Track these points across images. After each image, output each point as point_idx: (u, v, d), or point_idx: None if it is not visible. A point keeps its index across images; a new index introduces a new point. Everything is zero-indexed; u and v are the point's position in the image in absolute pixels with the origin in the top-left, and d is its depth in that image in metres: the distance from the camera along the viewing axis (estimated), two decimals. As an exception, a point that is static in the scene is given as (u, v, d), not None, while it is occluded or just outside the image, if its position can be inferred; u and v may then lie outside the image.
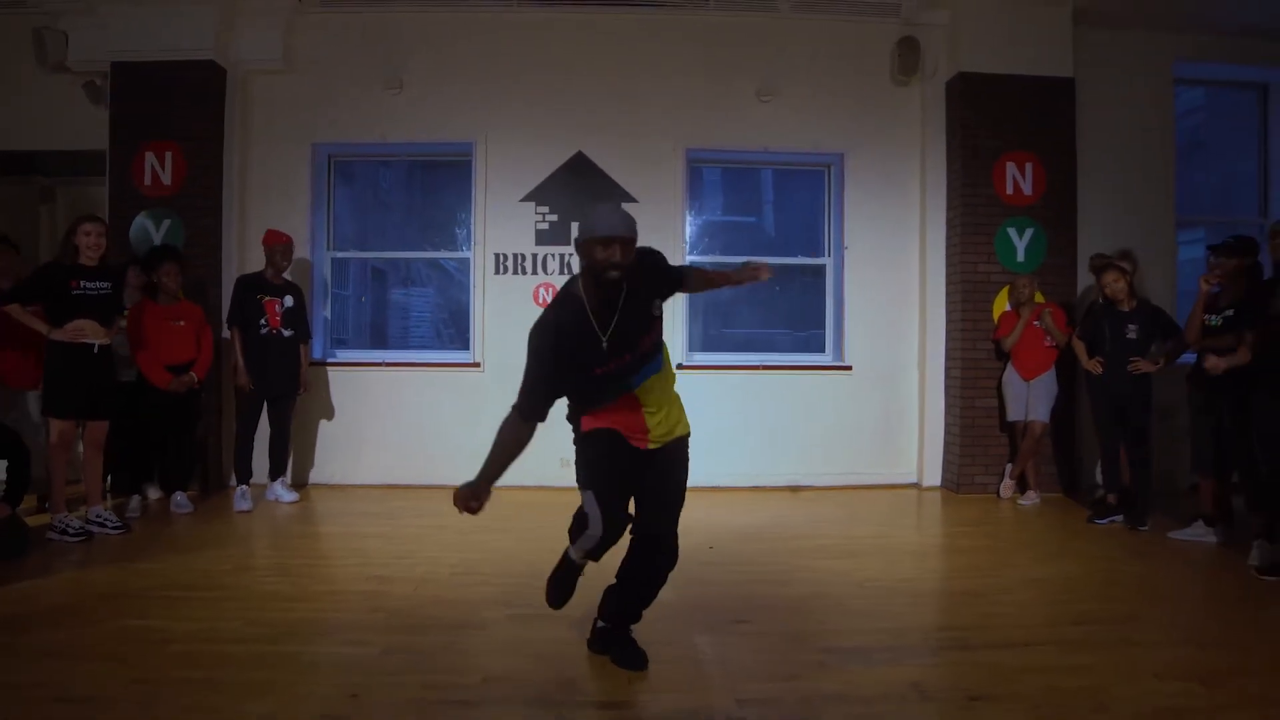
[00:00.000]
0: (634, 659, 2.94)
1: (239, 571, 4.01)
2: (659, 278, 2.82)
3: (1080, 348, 5.59)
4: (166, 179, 6.08)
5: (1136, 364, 5.21)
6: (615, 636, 3.02)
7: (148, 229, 6.04)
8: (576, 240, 2.71)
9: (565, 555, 3.03)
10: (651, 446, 2.85)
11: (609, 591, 3.02)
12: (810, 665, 2.97)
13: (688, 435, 2.98)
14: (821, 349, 6.95)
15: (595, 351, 2.68)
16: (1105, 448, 5.52)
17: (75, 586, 3.77)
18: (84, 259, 4.56)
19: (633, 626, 3.04)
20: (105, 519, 4.71)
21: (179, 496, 5.39)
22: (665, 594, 3.74)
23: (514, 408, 2.67)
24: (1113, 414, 5.38)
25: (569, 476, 3.07)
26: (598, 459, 2.84)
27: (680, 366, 6.24)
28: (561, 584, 3.05)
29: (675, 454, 2.93)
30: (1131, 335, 5.25)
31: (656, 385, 2.83)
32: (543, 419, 2.69)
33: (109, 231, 4.72)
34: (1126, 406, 5.30)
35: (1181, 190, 7.04)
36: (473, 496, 2.62)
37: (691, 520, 5.36)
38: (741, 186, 7.43)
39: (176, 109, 6.10)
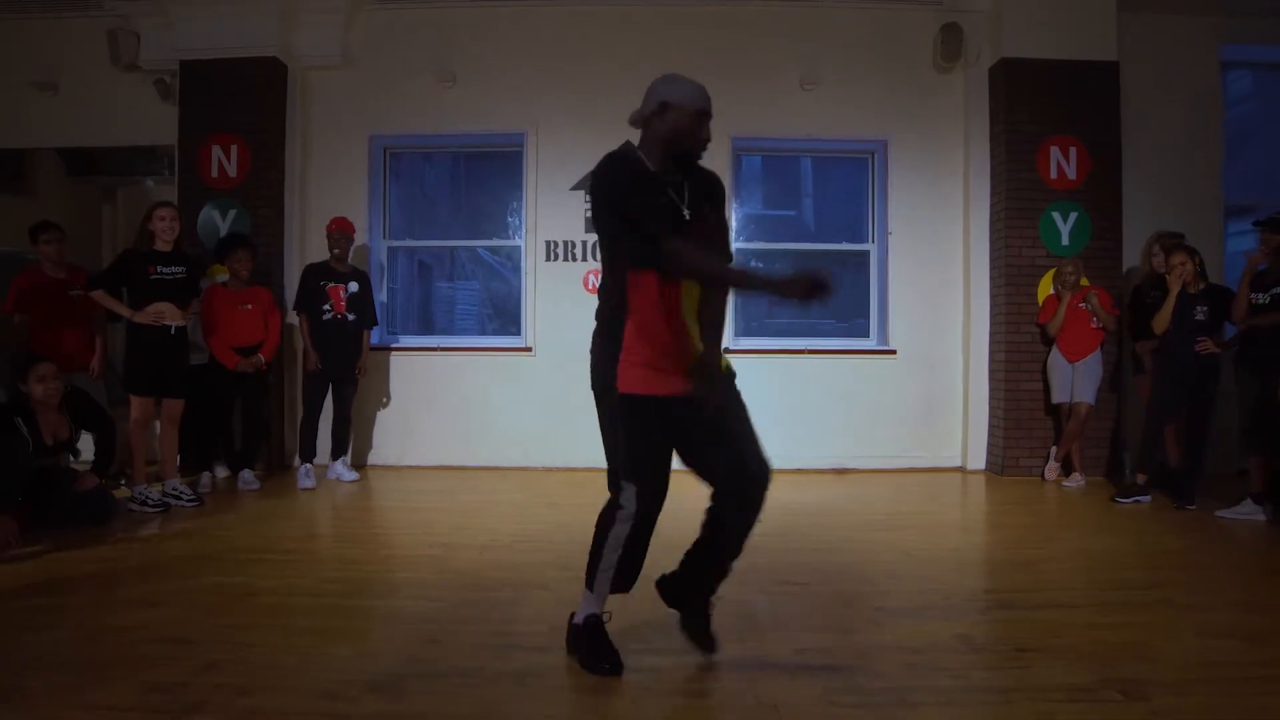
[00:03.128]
0: (709, 640, 2.69)
1: (308, 538, 4.23)
2: (721, 198, 2.66)
3: (1160, 319, 5.40)
4: (232, 171, 6.35)
5: (1205, 344, 5.22)
6: (695, 608, 2.71)
7: (214, 219, 6.31)
8: (657, 105, 2.48)
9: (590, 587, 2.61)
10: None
11: (687, 558, 2.71)
12: (864, 621, 3.08)
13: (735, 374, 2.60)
14: (864, 334, 7.03)
15: (672, 209, 2.45)
16: (1152, 426, 5.53)
17: (159, 549, 4.02)
18: (159, 244, 4.81)
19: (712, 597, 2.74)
20: (181, 492, 4.97)
21: (246, 474, 5.63)
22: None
23: (642, 256, 2.36)
24: (1174, 394, 5.39)
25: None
26: (641, 438, 2.50)
27: (726, 350, 6.35)
28: (596, 646, 2.60)
29: (731, 386, 2.57)
30: (1200, 317, 5.27)
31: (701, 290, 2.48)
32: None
33: (181, 217, 4.96)
34: (1193, 387, 5.31)
35: (1230, 177, 6.99)
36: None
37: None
38: (781, 177, 7.52)
39: (241, 104, 6.35)
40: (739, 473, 2.54)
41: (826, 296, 2.13)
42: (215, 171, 6.37)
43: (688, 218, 2.46)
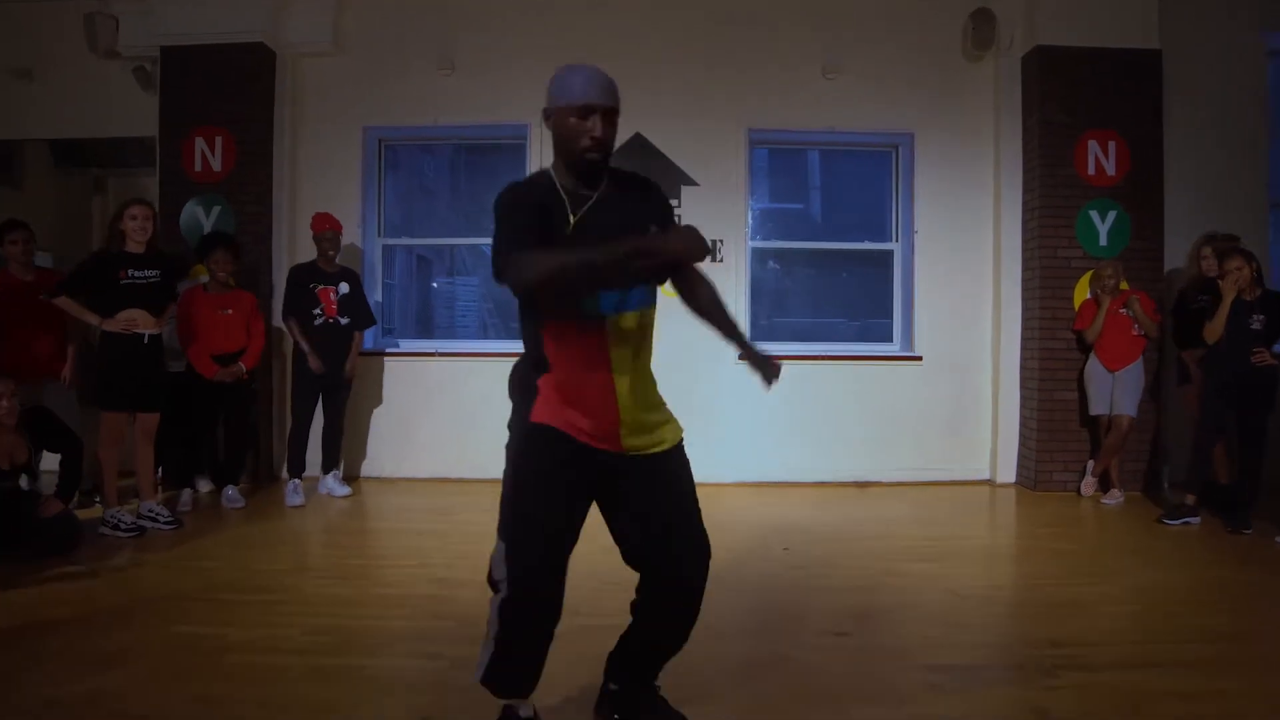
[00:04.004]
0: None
1: (296, 572, 3.84)
2: (658, 208, 2.20)
3: (1213, 328, 5.01)
4: (216, 165, 5.94)
5: (1261, 354, 4.86)
6: (638, 699, 2.34)
7: (198, 216, 5.91)
8: (545, 110, 2.10)
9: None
10: (628, 452, 2.11)
11: (620, 643, 2.35)
12: (920, 686, 2.70)
13: (680, 444, 2.21)
14: (880, 337, 6.66)
15: (559, 230, 2.04)
16: (1202, 443, 5.16)
17: (129, 586, 3.63)
18: (131, 245, 4.42)
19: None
20: (158, 514, 4.59)
21: (230, 491, 5.26)
22: (750, 599, 3.54)
23: (501, 272, 1.98)
24: (1226, 409, 5.02)
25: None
26: (533, 478, 2.09)
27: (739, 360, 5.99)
28: None
29: (669, 462, 2.17)
30: (1256, 326, 4.90)
31: (635, 334, 2.09)
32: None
33: (156, 216, 4.56)
34: (1246, 401, 4.95)
35: (1277, 173, 6.60)
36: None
37: (758, 516, 5.20)
38: (787, 169, 7.07)
39: (226, 94, 5.94)
40: (673, 561, 2.15)
41: (701, 255, 1.80)
42: (199, 165, 5.96)
43: (568, 231, 2.05)
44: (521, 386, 2.17)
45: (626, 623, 2.30)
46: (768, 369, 2.15)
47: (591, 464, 2.09)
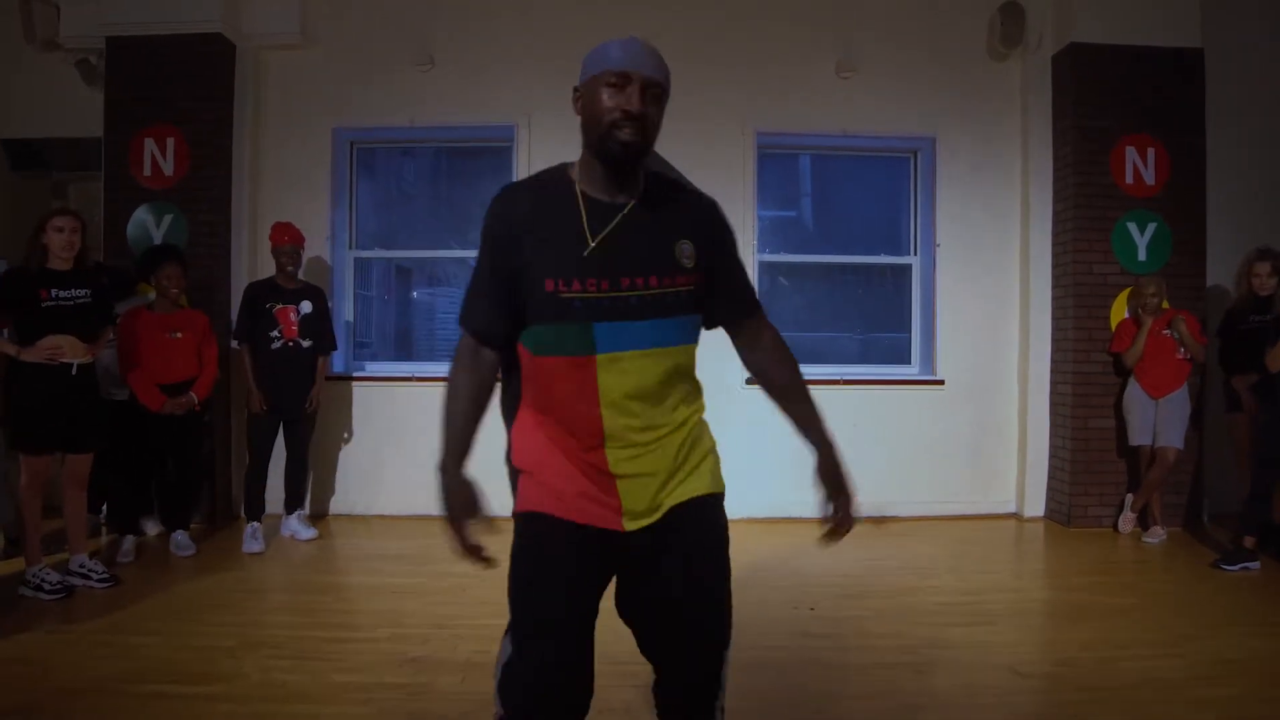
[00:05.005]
0: None
1: (243, 650, 3.23)
2: (708, 228, 1.76)
3: (1276, 355, 4.51)
4: (168, 169, 5.35)
5: None
6: None
7: (147, 225, 5.31)
8: (575, 89, 1.73)
9: None
10: (629, 527, 1.71)
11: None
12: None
13: (712, 495, 1.77)
14: (883, 355, 6.16)
15: (569, 251, 1.64)
16: (1263, 482, 4.65)
17: (34, 674, 3.00)
18: (55, 262, 3.82)
19: None
20: (90, 569, 3.98)
21: (179, 536, 4.65)
22: (775, 686, 2.99)
23: (462, 330, 1.76)
24: (1280, 444, 4.54)
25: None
26: (526, 560, 1.74)
27: (750, 383, 5.46)
28: None
29: (691, 529, 1.73)
30: (1322, 348, 4.41)
31: (653, 374, 1.68)
32: (499, 341, 1.75)
33: (84, 228, 3.94)
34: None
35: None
36: (461, 534, 1.74)
37: (769, 561, 4.67)
38: (782, 174, 6.47)
39: (179, 90, 5.36)
40: (687, 654, 1.73)
41: None
42: (148, 169, 5.36)
43: (584, 254, 1.63)
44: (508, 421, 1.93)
45: None
46: (841, 514, 1.83)
47: (590, 544, 1.73)
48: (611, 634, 1.83)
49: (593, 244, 1.64)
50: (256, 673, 3.02)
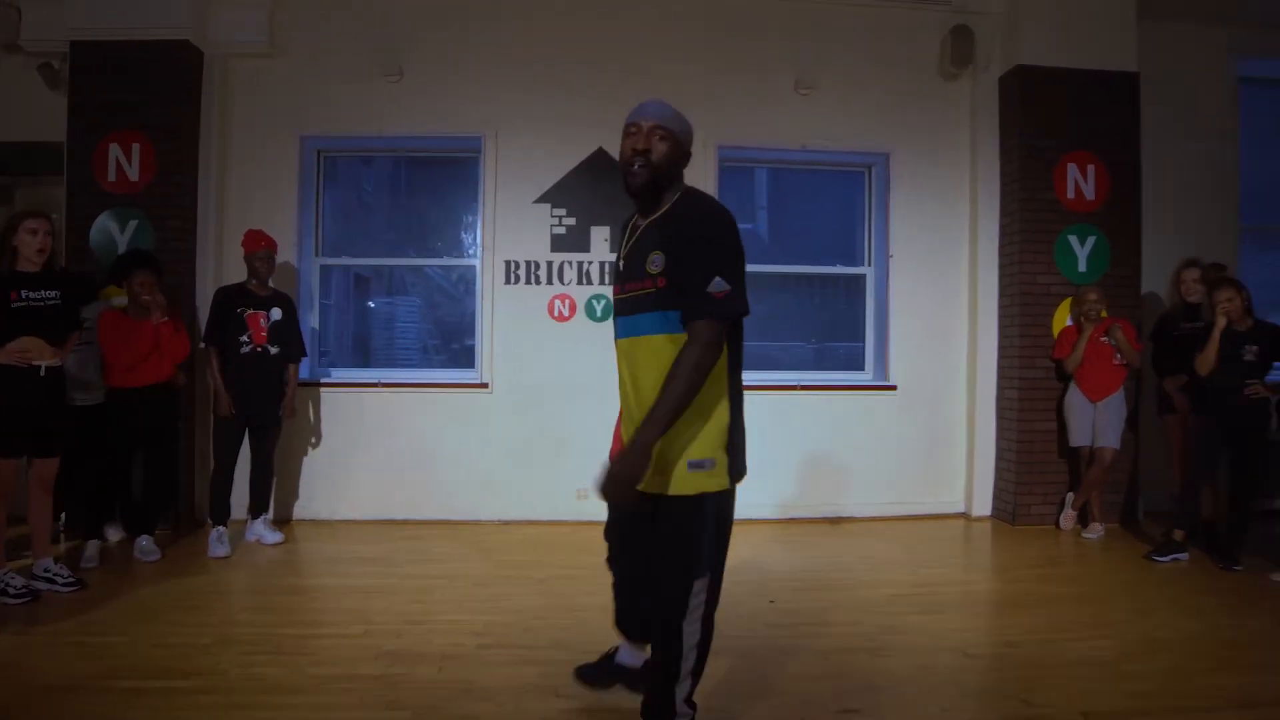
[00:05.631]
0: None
1: (219, 647, 3.28)
2: (673, 240, 2.11)
3: (1204, 360, 4.80)
4: (133, 174, 5.34)
5: (1255, 387, 4.67)
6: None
7: (111, 232, 5.30)
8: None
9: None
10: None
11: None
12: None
13: (681, 497, 2.13)
14: (843, 366, 6.37)
15: (617, 264, 2.34)
16: (1192, 479, 4.94)
17: (10, 672, 3.03)
18: (24, 264, 3.83)
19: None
20: (55, 574, 3.97)
21: (144, 541, 4.64)
22: (739, 667, 3.13)
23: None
24: (1217, 443, 4.82)
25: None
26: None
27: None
28: None
29: (661, 514, 2.17)
30: (1250, 358, 4.70)
31: (638, 357, 2.17)
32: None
33: (56, 231, 3.97)
34: (1238, 436, 4.75)
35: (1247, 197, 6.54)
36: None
37: (741, 561, 4.79)
38: (734, 187, 6.66)
39: (146, 96, 5.36)
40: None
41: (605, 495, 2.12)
42: (113, 175, 5.35)
43: (621, 269, 2.28)
44: None
45: None
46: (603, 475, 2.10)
47: None
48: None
49: (618, 258, 2.29)
50: (235, 668, 3.08)
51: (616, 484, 2.02)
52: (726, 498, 2.18)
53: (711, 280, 2.01)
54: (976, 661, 3.28)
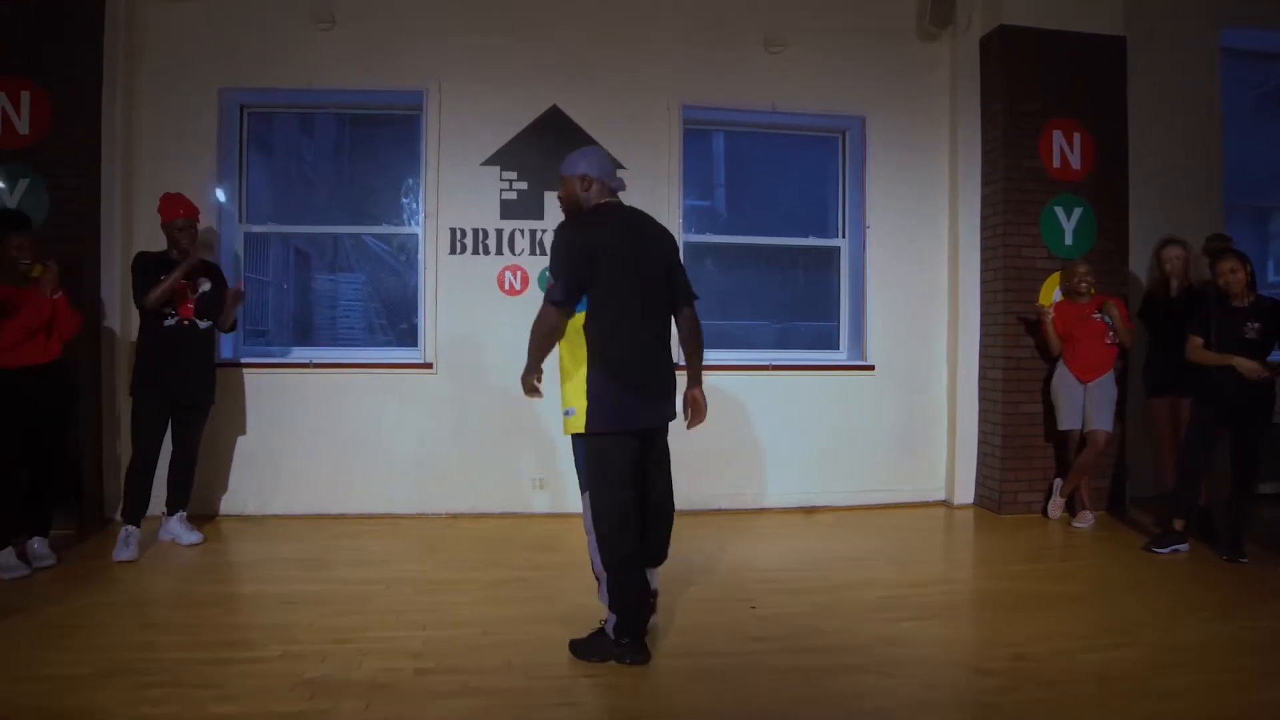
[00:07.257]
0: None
1: (108, 677, 2.74)
2: None
3: (1197, 346, 4.53)
4: (23, 127, 4.72)
5: (1262, 371, 4.36)
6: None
7: (-1, 191, 4.67)
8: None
9: None
10: None
11: None
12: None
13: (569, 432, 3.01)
14: (803, 342, 6.01)
15: None
16: (1190, 465, 4.64)
17: None
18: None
19: None
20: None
21: (36, 545, 4.05)
22: (724, 697, 2.70)
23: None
24: (1215, 428, 4.51)
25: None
26: None
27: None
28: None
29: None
30: (1251, 335, 4.38)
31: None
32: None
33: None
34: (1240, 418, 4.45)
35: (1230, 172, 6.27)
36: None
37: (703, 557, 4.39)
38: (704, 156, 6.20)
39: (39, 40, 4.73)
40: None
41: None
42: (0, 127, 4.71)
43: None
44: None
45: None
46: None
47: None
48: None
49: None
50: (120, 705, 2.55)
51: None
52: (600, 440, 2.87)
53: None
54: (990, 680, 2.88)
